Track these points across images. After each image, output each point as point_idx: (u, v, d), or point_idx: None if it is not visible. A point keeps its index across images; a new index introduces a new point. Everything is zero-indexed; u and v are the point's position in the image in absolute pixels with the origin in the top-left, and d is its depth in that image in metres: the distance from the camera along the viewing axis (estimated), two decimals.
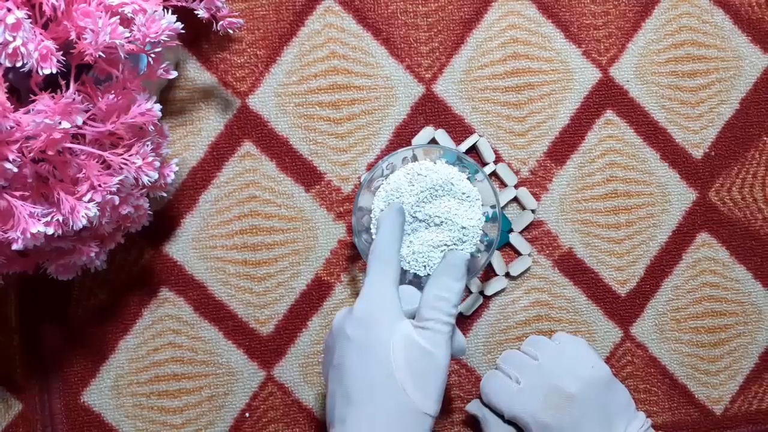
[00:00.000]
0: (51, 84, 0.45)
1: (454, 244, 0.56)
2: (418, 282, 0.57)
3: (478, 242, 0.57)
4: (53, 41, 0.43)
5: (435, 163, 0.57)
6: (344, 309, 0.51)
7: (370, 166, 0.61)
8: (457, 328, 0.51)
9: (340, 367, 0.48)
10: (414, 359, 0.46)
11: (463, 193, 0.56)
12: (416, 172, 0.56)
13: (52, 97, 0.44)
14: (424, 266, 0.56)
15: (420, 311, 0.48)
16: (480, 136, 0.61)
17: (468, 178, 0.57)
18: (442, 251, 0.56)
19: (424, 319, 0.48)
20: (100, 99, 0.46)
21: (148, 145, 0.49)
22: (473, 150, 0.62)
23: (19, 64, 0.42)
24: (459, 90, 0.61)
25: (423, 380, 0.46)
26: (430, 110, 0.61)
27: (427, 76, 0.61)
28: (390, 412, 0.46)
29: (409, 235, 0.56)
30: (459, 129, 0.61)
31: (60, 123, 0.43)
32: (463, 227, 0.56)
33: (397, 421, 0.46)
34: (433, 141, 0.61)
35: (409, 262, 0.56)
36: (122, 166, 0.47)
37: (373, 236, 0.57)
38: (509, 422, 0.57)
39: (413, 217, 0.56)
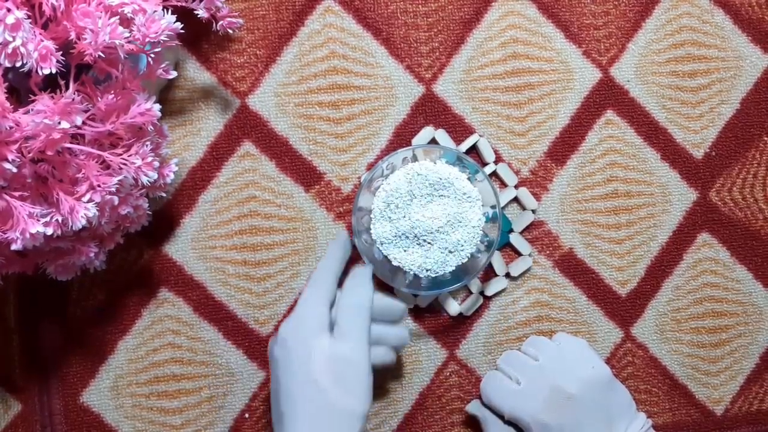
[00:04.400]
0: (50, 84, 0.45)
1: (455, 245, 0.56)
2: (417, 282, 0.57)
3: (479, 242, 0.57)
4: (53, 41, 0.43)
5: (435, 163, 0.56)
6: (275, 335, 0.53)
7: (370, 166, 0.61)
8: (399, 324, 0.55)
9: (273, 389, 0.50)
10: (335, 365, 0.48)
11: (464, 194, 0.56)
12: (416, 172, 0.56)
13: (52, 97, 0.44)
14: (426, 269, 0.56)
15: (335, 321, 0.50)
16: (480, 136, 0.61)
17: (468, 178, 0.57)
18: (441, 252, 0.56)
19: (339, 326, 0.50)
20: (99, 99, 0.46)
21: (147, 145, 0.49)
22: (473, 150, 0.61)
23: (18, 64, 0.42)
24: (459, 90, 0.61)
25: (345, 382, 0.48)
26: (430, 110, 0.61)
27: (427, 76, 0.61)
28: (317, 418, 0.47)
29: (407, 239, 0.56)
30: (459, 129, 0.61)
31: (59, 123, 0.43)
32: (464, 227, 0.56)
33: (321, 426, 0.47)
34: (433, 141, 0.61)
35: (405, 264, 0.56)
36: (121, 166, 0.47)
37: (373, 237, 0.57)
38: (510, 423, 0.57)
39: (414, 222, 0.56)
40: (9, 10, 0.41)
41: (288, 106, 0.60)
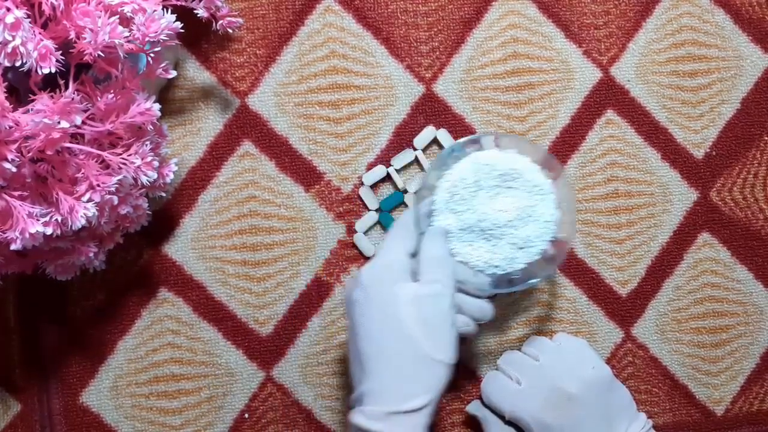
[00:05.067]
0: (50, 83, 0.45)
1: (525, 241, 0.53)
2: (485, 279, 0.54)
3: (549, 240, 0.53)
4: (52, 41, 0.43)
5: (503, 152, 0.53)
6: (351, 277, 0.52)
7: (370, 166, 0.61)
8: (483, 300, 0.53)
9: (352, 333, 0.50)
10: (422, 311, 0.48)
11: (535, 186, 0.53)
12: (483, 162, 0.52)
13: (51, 96, 0.43)
14: (494, 266, 0.53)
15: (420, 272, 0.50)
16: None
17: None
18: (511, 248, 0.53)
19: (424, 274, 0.50)
20: (99, 98, 0.46)
21: (147, 145, 0.48)
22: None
23: (18, 64, 0.42)
24: (459, 89, 0.61)
25: (433, 329, 0.48)
26: (431, 110, 0.61)
27: (427, 75, 0.61)
28: (403, 364, 0.47)
29: (473, 232, 0.53)
30: (459, 129, 0.61)
31: (59, 123, 0.43)
32: (535, 222, 0.53)
33: (410, 372, 0.47)
34: (435, 141, 0.61)
35: (471, 260, 0.53)
36: (121, 165, 0.47)
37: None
38: (510, 423, 0.57)
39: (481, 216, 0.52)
40: (8, 9, 0.41)
41: (288, 105, 0.60)
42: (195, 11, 0.54)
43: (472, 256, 0.53)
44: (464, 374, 0.61)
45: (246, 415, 0.60)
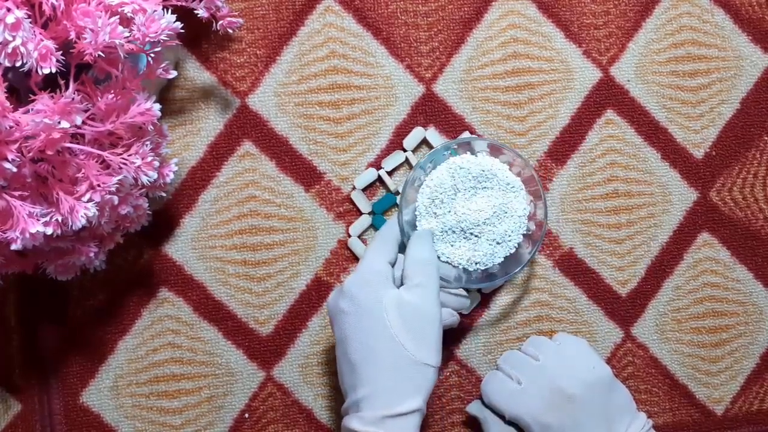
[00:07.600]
0: (50, 83, 0.45)
1: (502, 236, 0.56)
2: (468, 276, 0.57)
3: (523, 233, 0.57)
4: (53, 41, 0.43)
5: (476, 155, 0.56)
6: (336, 289, 0.54)
7: (370, 166, 0.61)
8: (459, 291, 0.55)
9: (342, 341, 0.51)
10: (407, 316, 0.50)
11: (507, 184, 0.56)
12: (458, 166, 0.55)
13: (52, 96, 0.43)
14: (476, 263, 0.56)
15: (405, 275, 0.52)
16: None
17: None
18: (489, 244, 0.56)
19: (409, 278, 0.51)
20: (99, 99, 0.46)
21: (147, 145, 0.48)
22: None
23: (18, 64, 0.42)
24: (459, 90, 0.61)
25: (418, 333, 0.49)
26: (430, 110, 0.61)
27: (427, 75, 0.61)
28: (393, 369, 0.49)
29: (454, 233, 0.56)
30: (459, 129, 0.61)
31: (59, 123, 0.43)
32: (510, 218, 0.56)
33: (401, 376, 0.49)
34: (425, 141, 0.61)
35: (454, 259, 0.56)
36: (121, 165, 0.47)
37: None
38: (510, 423, 0.57)
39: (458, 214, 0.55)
40: (9, 9, 0.41)
41: (288, 105, 0.60)
42: (195, 11, 0.54)
43: (455, 255, 0.56)
44: (464, 374, 0.61)
45: (246, 415, 0.60)
